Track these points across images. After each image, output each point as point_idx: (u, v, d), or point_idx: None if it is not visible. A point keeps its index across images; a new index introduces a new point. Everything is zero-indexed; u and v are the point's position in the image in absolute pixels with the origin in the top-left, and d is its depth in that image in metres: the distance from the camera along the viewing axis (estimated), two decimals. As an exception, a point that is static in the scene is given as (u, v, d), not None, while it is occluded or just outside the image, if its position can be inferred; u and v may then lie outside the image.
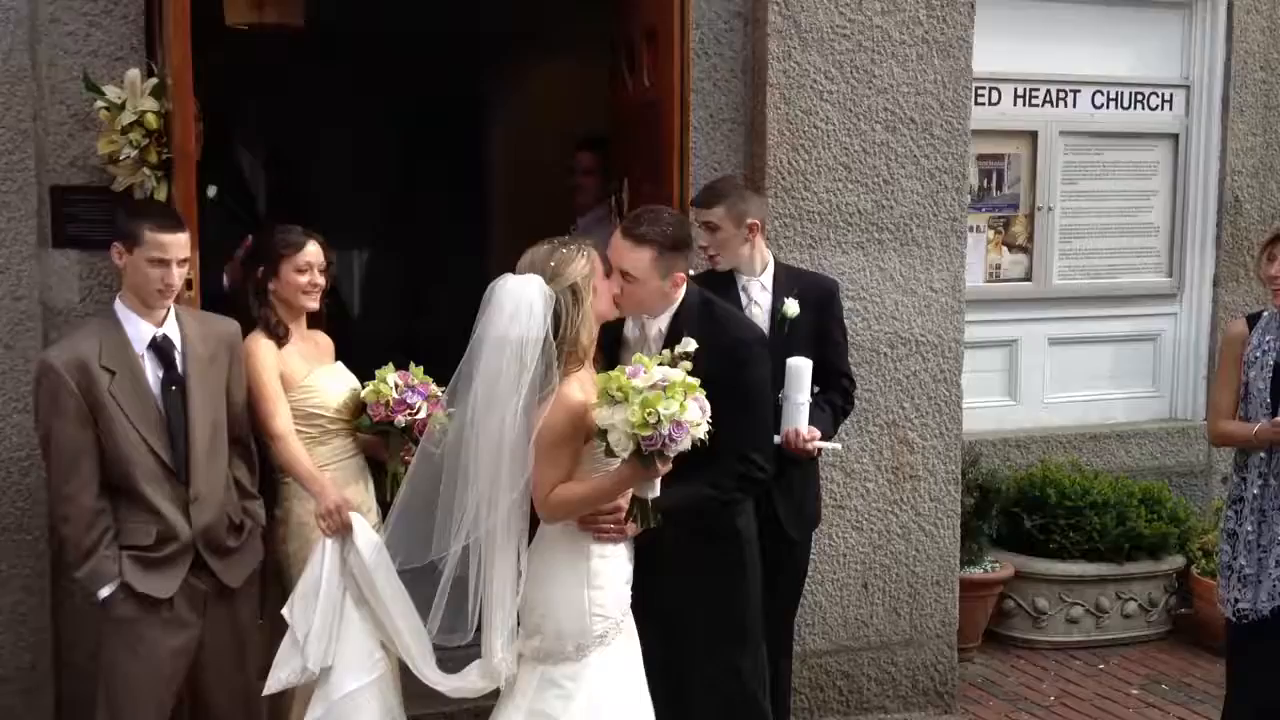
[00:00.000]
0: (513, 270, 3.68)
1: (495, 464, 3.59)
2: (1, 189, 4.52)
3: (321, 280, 4.37)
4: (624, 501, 3.68)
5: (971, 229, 6.36)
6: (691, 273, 4.10)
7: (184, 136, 4.25)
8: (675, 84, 4.81)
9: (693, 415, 3.50)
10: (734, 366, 3.96)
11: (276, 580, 4.33)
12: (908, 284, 5.54)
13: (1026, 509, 6.43)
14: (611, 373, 3.55)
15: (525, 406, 3.57)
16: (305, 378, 4.30)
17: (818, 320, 4.57)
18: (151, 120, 4.32)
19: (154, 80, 4.41)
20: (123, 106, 4.37)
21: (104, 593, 3.88)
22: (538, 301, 3.57)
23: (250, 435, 4.22)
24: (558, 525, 3.70)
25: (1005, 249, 6.85)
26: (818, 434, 4.44)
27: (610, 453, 3.56)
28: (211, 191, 5.33)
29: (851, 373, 4.76)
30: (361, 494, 4.32)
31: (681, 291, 4.07)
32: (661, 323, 4.10)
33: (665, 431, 3.47)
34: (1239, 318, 4.93)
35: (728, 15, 5.33)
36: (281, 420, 4.20)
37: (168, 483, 3.91)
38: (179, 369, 3.96)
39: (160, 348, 3.95)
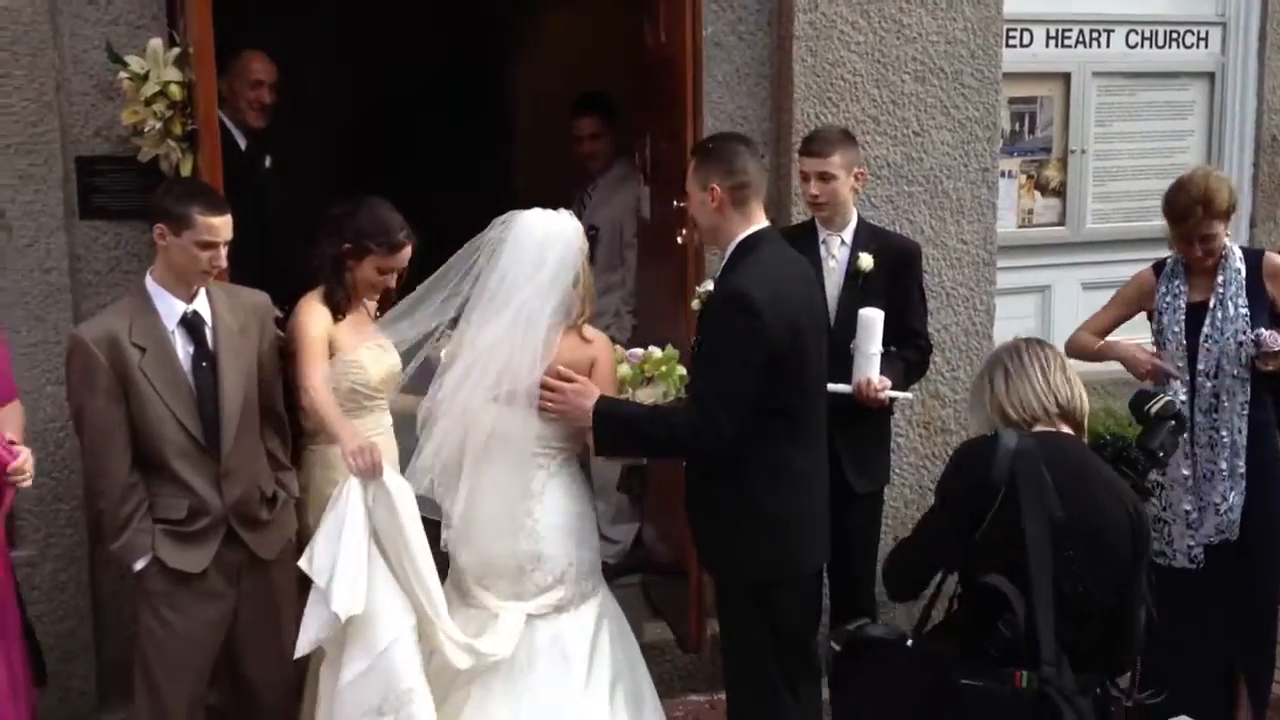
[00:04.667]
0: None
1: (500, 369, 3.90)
2: (27, 161, 4.53)
3: (393, 284, 4.31)
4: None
5: (1003, 174, 6.26)
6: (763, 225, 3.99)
7: (208, 107, 4.23)
8: (687, 40, 4.74)
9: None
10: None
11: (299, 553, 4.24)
12: (938, 237, 5.49)
13: (1060, 456, 6.39)
14: (639, 355, 4.02)
15: (550, 328, 3.91)
16: (352, 351, 4.25)
17: (895, 280, 4.59)
18: (175, 91, 4.31)
19: (177, 50, 4.38)
20: (146, 77, 4.36)
21: (138, 565, 3.94)
22: (573, 242, 3.96)
23: (283, 405, 4.23)
24: (568, 471, 4.05)
25: (1038, 193, 6.75)
26: (888, 383, 4.43)
27: None
28: (268, 161, 5.33)
29: (929, 336, 4.81)
30: (391, 463, 4.30)
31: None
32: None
33: (683, 395, 4.00)
34: (1148, 267, 5.02)
35: (753, -34, 5.25)
36: (319, 374, 4.13)
37: (198, 458, 3.94)
38: (209, 345, 3.98)
39: (191, 324, 3.97)
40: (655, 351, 4.11)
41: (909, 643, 3.36)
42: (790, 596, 3.94)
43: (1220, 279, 4.66)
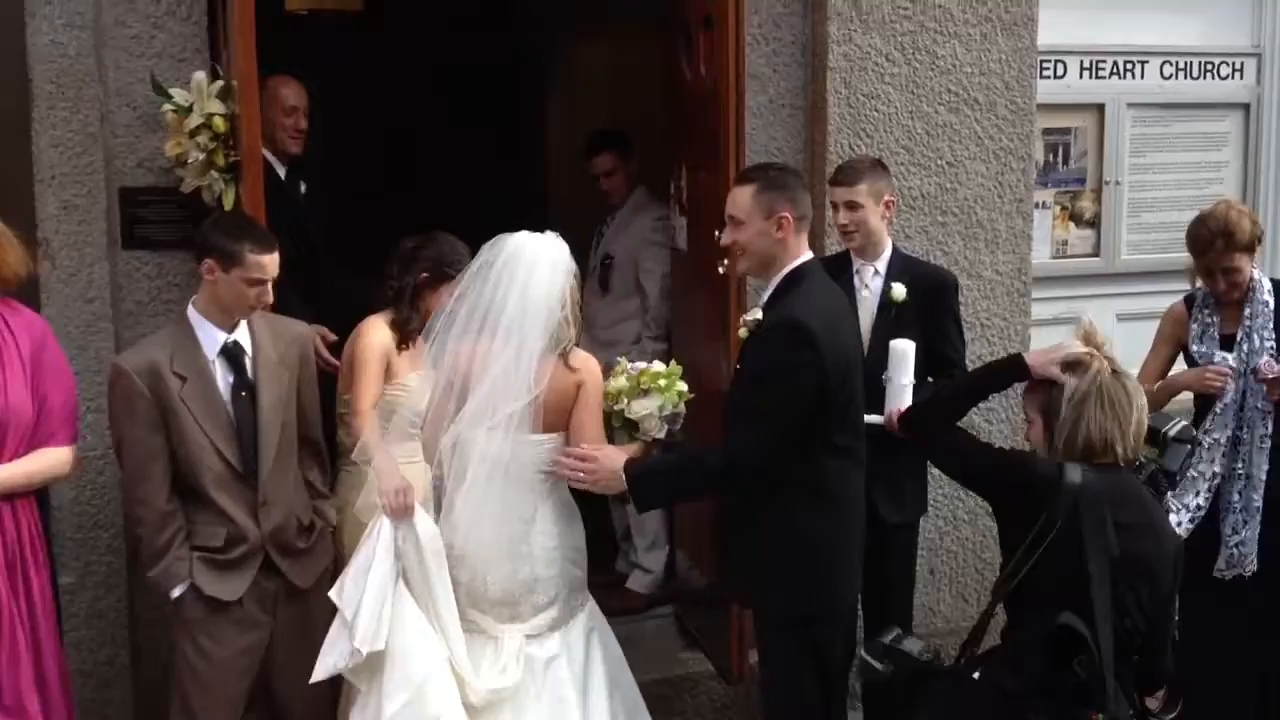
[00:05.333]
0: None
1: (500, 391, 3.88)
2: (72, 192, 4.59)
3: None
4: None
5: (1037, 205, 6.26)
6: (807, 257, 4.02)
7: (251, 139, 4.26)
8: (730, 74, 4.75)
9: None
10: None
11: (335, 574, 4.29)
12: (973, 267, 5.49)
13: (1095, 489, 6.36)
14: (639, 368, 4.09)
15: (543, 349, 3.88)
16: (406, 375, 4.36)
17: (929, 310, 4.59)
18: (219, 123, 4.36)
19: (220, 83, 4.44)
20: (190, 109, 4.42)
21: (175, 592, 3.97)
22: (561, 265, 3.93)
23: (322, 435, 4.27)
24: (557, 494, 4.03)
25: (1072, 224, 6.74)
26: None
27: (632, 438, 4.07)
28: (303, 188, 5.38)
29: (967, 368, 4.77)
30: (424, 495, 4.33)
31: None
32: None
33: (682, 410, 4.06)
34: (1180, 300, 5.00)
35: (787, -1, 5.29)
36: (370, 398, 4.28)
37: (237, 487, 3.98)
38: (249, 375, 4.02)
39: (231, 354, 4.01)
40: (657, 365, 4.15)
41: (975, 675, 3.40)
42: (833, 629, 3.94)
43: (1248, 311, 4.64)
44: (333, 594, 3.93)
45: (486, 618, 4.01)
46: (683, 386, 4.10)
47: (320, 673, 3.90)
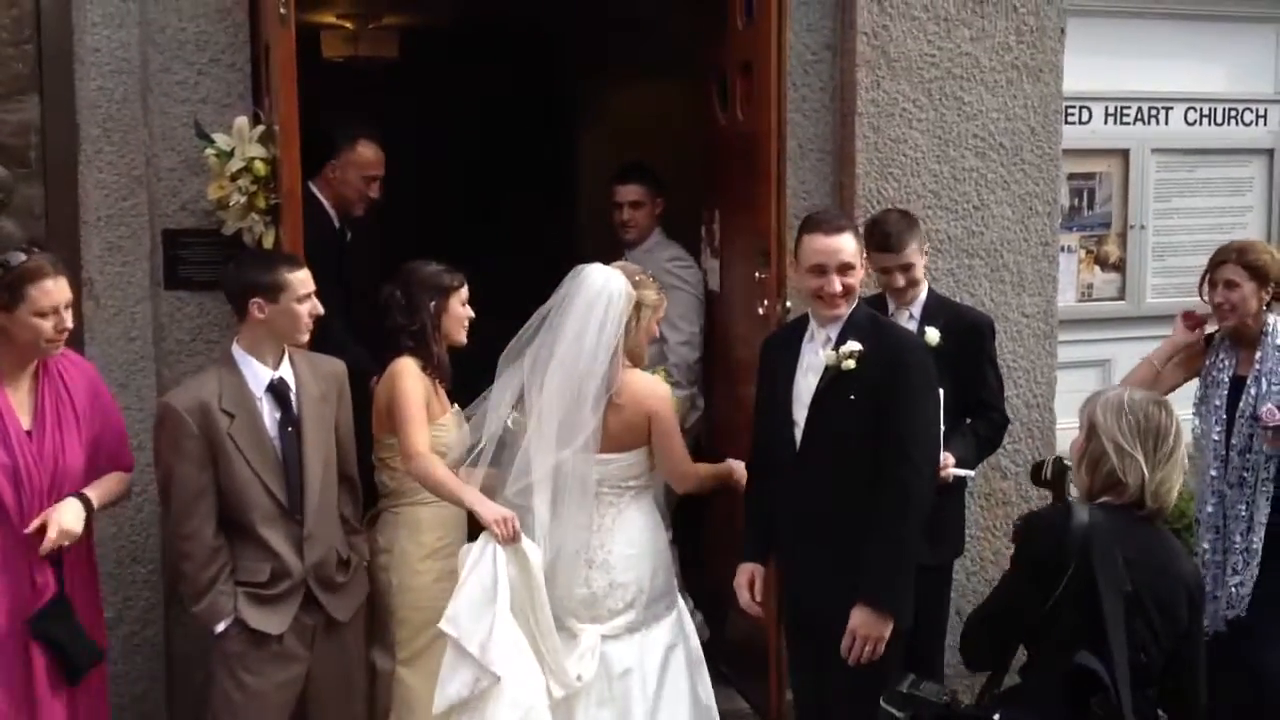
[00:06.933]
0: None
1: (560, 419, 4.09)
2: (117, 234, 4.70)
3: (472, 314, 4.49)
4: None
5: (1063, 249, 6.31)
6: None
7: (291, 182, 4.36)
8: (772, 118, 4.81)
9: None
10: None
11: (375, 610, 4.38)
12: (999, 309, 5.53)
13: (1121, 530, 6.36)
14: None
15: (604, 377, 4.09)
16: (441, 415, 4.38)
17: (965, 353, 4.58)
18: (260, 167, 4.45)
19: (262, 127, 4.54)
20: (232, 153, 4.51)
21: (219, 628, 4.02)
22: (618, 296, 4.13)
23: (356, 471, 4.33)
24: (637, 505, 4.26)
25: (1097, 268, 6.80)
26: (951, 460, 4.43)
27: None
28: (348, 236, 5.47)
29: (1005, 410, 4.80)
30: (462, 535, 4.37)
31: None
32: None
33: None
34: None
35: (816, 46, 5.37)
36: (424, 440, 4.22)
37: (282, 521, 4.04)
38: (294, 411, 4.09)
39: (277, 390, 4.08)
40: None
41: (996, 716, 3.39)
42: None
43: (1258, 355, 4.67)
44: (445, 626, 3.97)
45: (570, 617, 4.20)
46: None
47: (442, 703, 3.97)
